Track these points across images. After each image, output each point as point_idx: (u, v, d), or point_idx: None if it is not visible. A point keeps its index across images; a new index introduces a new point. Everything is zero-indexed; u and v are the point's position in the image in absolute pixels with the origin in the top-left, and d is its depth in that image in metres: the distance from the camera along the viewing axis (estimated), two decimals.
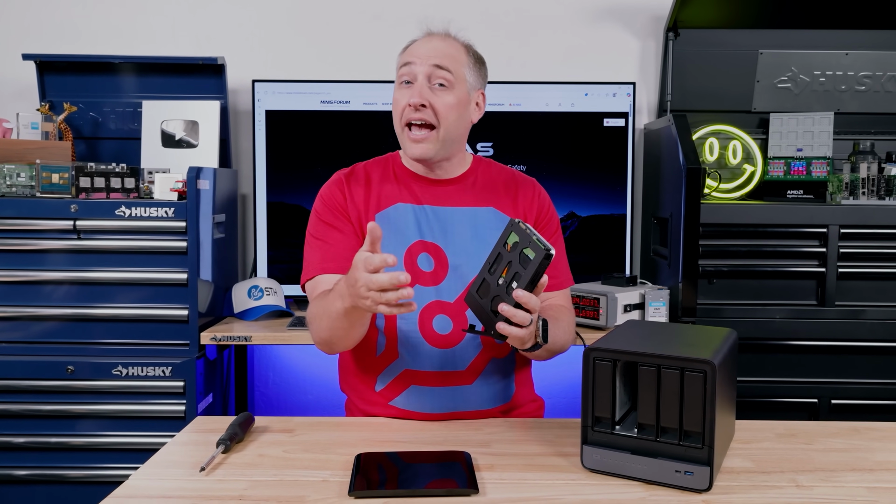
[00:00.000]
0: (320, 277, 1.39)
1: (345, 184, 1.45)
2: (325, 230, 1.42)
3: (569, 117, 2.45)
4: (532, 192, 1.51)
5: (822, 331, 2.15)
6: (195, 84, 2.44)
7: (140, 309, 2.06)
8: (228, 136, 2.46)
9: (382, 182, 1.46)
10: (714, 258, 2.17)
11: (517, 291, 1.14)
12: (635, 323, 1.34)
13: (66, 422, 2.06)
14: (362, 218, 1.43)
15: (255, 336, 2.06)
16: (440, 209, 1.45)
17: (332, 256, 1.40)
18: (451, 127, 1.40)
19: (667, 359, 1.11)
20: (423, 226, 1.43)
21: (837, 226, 2.13)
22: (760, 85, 2.53)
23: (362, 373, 1.47)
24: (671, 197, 2.25)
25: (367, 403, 1.47)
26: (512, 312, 1.14)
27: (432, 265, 1.43)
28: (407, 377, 1.43)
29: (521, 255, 1.16)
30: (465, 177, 1.49)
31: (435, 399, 1.42)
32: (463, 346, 1.42)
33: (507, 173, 1.53)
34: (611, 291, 2.10)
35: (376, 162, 1.51)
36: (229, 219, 2.37)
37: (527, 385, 1.56)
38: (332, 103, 2.43)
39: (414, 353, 1.42)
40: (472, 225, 1.44)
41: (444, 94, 1.38)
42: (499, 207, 1.47)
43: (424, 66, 1.37)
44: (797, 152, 2.44)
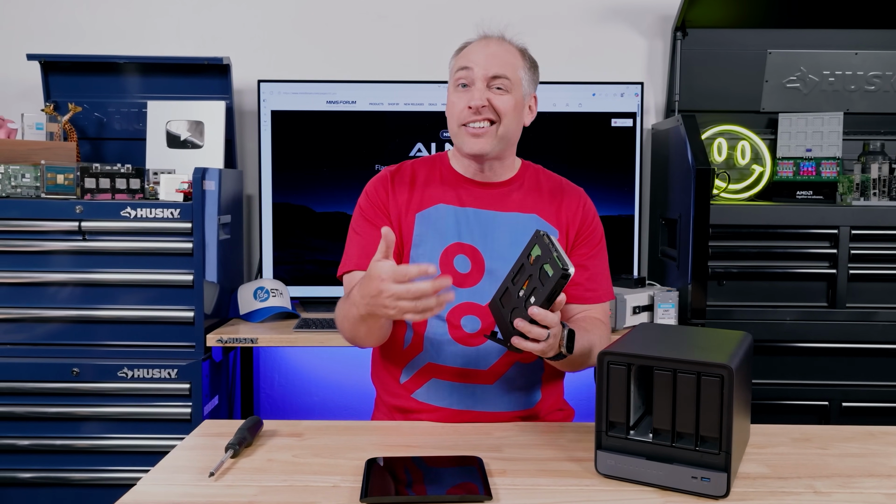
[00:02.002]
0: (356, 273, 1.40)
1: (389, 181, 1.46)
2: (364, 226, 1.44)
3: (576, 117, 2.43)
4: (577, 202, 1.49)
5: (833, 333, 2.13)
6: (200, 84, 2.43)
7: (145, 311, 2.05)
8: (234, 137, 2.45)
9: (428, 182, 1.46)
10: (723, 259, 2.15)
11: (532, 308, 1.14)
12: (648, 326, 1.33)
13: (71, 424, 2.04)
14: (402, 217, 1.44)
15: (261, 338, 2.05)
16: (482, 212, 1.44)
17: (367, 253, 1.39)
18: (510, 125, 1.40)
19: (683, 363, 1.09)
20: (462, 228, 1.43)
21: (848, 227, 2.11)
22: (769, 85, 2.51)
23: (390, 364, 1.48)
24: (680, 198, 2.23)
25: (391, 395, 1.47)
26: (528, 328, 1.14)
27: (469, 267, 1.42)
28: (429, 370, 1.43)
29: (542, 270, 1.16)
30: (511, 181, 1.48)
31: (454, 395, 1.42)
32: (486, 347, 1.42)
33: (555, 181, 1.52)
34: (619, 293, 2.08)
35: (424, 162, 1.51)
36: (235, 220, 2.36)
37: (555, 394, 1.53)
38: (337, 103, 2.41)
39: (438, 348, 1.42)
40: (513, 230, 1.43)
41: (503, 95, 1.38)
42: (542, 215, 1.46)
43: (483, 72, 1.37)
44: (806, 153, 2.42)
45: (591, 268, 1.47)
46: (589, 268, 1.47)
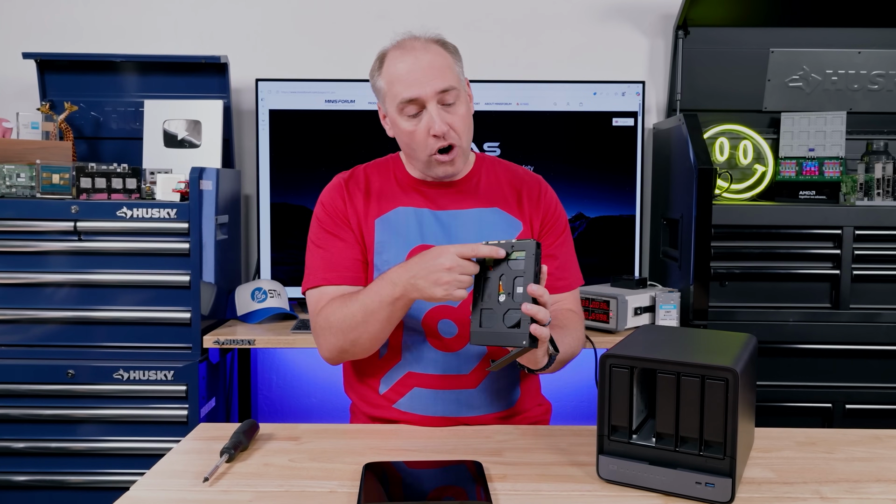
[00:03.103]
0: (325, 289, 1.37)
1: (345, 189, 1.42)
2: (326, 238, 1.40)
3: (577, 117, 2.41)
4: (538, 190, 1.47)
5: (837, 334, 2.11)
6: (198, 83, 2.40)
7: (141, 312, 2.03)
8: (231, 136, 2.43)
9: (383, 186, 1.43)
10: (726, 260, 2.13)
11: (531, 286, 1.12)
12: (651, 328, 1.31)
13: (67, 426, 2.02)
14: (362, 224, 1.41)
15: (258, 339, 2.03)
16: (442, 213, 1.42)
17: (334, 266, 1.38)
18: (469, 135, 1.39)
19: (687, 366, 1.07)
20: (425, 229, 1.40)
21: (852, 227, 2.09)
22: (771, 84, 2.49)
23: (366, 375, 1.45)
24: (682, 198, 2.21)
25: (371, 406, 1.44)
26: (535, 310, 1.12)
27: None
28: (410, 380, 1.40)
29: (510, 262, 1.16)
30: (469, 178, 1.46)
31: (438, 402, 1.39)
32: (467, 352, 1.40)
33: (513, 172, 1.50)
34: (620, 294, 2.06)
35: (377, 165, 1.48)
36: (232, 220, 2.33)
37: (533, 389, 1.53)
38: (336, 102, 2.39)
39: (417, 355, 1.40)
40: (477, 227, 1.41)
41: (457, 109, 1.35)
42: (504, 208, 1.44)
43: (431, 93, 1.32)
44: (809, 152, 2.40)
45: (559, 256, 1.46)
46: (558, 256, 1.45)
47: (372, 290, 1.27)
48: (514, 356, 1.19)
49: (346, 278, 1.37)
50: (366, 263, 1.41)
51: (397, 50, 1.35)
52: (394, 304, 1.25)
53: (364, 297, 1.28)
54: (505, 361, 1.20)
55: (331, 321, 1.32)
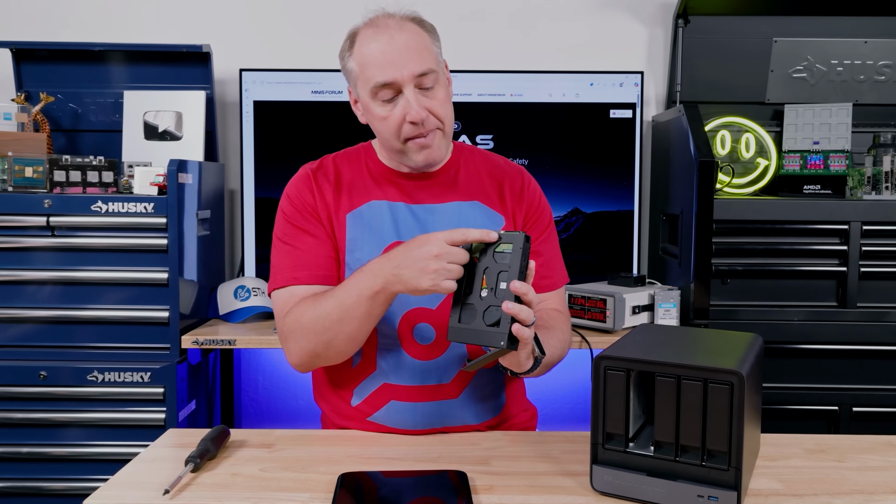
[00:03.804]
0: (294, 289, 1.27)
1: (313, 180, 1.32)
2: (294, 234, 1.30)
3: (573, 108, 2.33)
4: (520, 183, 1.38)
5: (843, 334, 2.02)
6: (179, 73, 2.32)
7: (117, 311, 1.94)
8: (215, 129, 2.34)
9: (354, 177, 1.33)
10: (728, 257, 2.05)
11: (514, 283, 1.04)
12: (649, 327, 1.22)
13: (40, 430, 1.93)
14: (333, 218, 1.31)
15: (239, 339, 1.94)
16: (418, 207, 1.32)
17: (303, 263, 1.28)
18: (450, 119, 1.29)
19: (688, 368, 0.99)
20: (400, 225, 1.31)
21: (859, 222, 2.00)
22: (774, 75, 2.41)
23: (337, 385, 1.35)
24: (682, 192, 2.13)
25: (342, 419, 1.34)
26: (518, 309, 1.03)
27: None
28: (386, 391, 1.31)
29: (495, 255, 1.08)
30: (446, 169, 1.36)
31: (417, 415, 1.29)
32: (447, 358, 1.30)
33: (493, 162, 1.40)
34: (618, 292, 1.98)
35: (347, 155, 1.38)
36: (215, 215, 2.25)
37: (518, 394, 1.44)
38: (323, 94, 2.31)
39: (393, 364, 1.30)
40: (456, 221, 1.32)
41: (436, 93, 1.25)
42: (484, 201, 1.35)
43: (408, 77, 1.21)
44: (814, 146, 2.31)
45: (543, 252, 1.36)
46: (542, 253, 1.36)
47: (349, 284, 1.17)
48: (490, 357, 1.11)
49: (318, 277, 1.27)
50: (338, 261, 1.31)
51: (370, 28, 1.26)
52: (374, 298, 1.14)
53: (340, 293, 1.18)
54: (481, 362, 1.12)
55: (302, 322, 1.21)
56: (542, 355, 1.16)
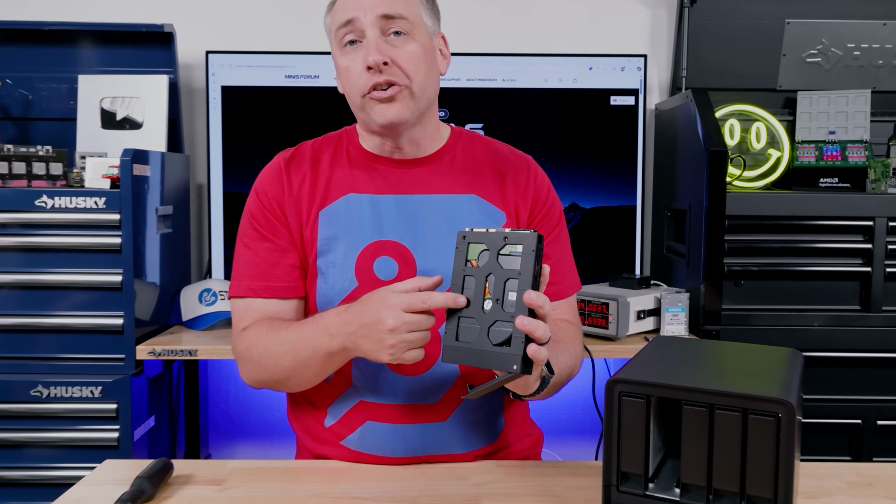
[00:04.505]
0: (251, 302, 1.13)
1: (283, 172, 1.15)
2: (256, 238, 1.14)
3: (570, 95, 2.14)
4: (526, 174, 1.20)
5: (867, 340, 1.85)
6: (140, 56, 2.12)
7: (65, 317, 1.74)
8: (179, 117, 2.14)
9: (332, 166, 1.16)
10: (741, 256, 1.87)
11: (529, 294, 0.86)
12: (666, 341, 1.04)
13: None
14: (303, 216, 1.14)
15: (202, 349, 1.75)
16: (405, 198, 1.14)
17: (263, 274, 1.13)
18: (423, 81, 1.09)
19: (724, 396, 0.81)
20: (382, 221, 1.13)
21: (885, 218, 1.83)
22: (787, 59, 2.24)
23: (310, 403, 1.19)
24: (690, 185, 1.95)
25: (315, 441, 1.18)
26: (534, 326, 0.86)
27: (395, 271, 1.13)
28: (362, 411, 1.13)
29: (500, 259, 0.89)
30: (440, 155, 1.18)
31: (398, 440, 1.12)
32: (435, 374, 1.12)
33: (495, 150, 1.23)
34: (621, 295, 1.80)
35: (327, 141, 1.21)
36: (179, 211, 2.05)
37: (520, 416, 1.25)
38: (298, 78, 2.11)
39: (372, 380, 1.12)
40: (449, 217, 1.14)
41: (405, 44, 1.07)
42: (483, 194, 1.17)
43: (372, 18, 1.05)
44: (829, 135, 2.14)
45: (552, 255, 1.19)
46: (550, 255, 1.18)
47: (304, 335, 1.03)
48: (499, 383, 0.92)
49: (278, 290, 1.12)
50: (302, 270, 1.15)
51: None
52: (330, 357, 1.01)
53: (295, 340, 1.03)
54: (487, 389, 0.94)
55: (253, 353, 1.08)
56: (550, 375, 0.98)
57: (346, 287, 1.11)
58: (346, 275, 1.11)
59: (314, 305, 1.13)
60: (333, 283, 1.12)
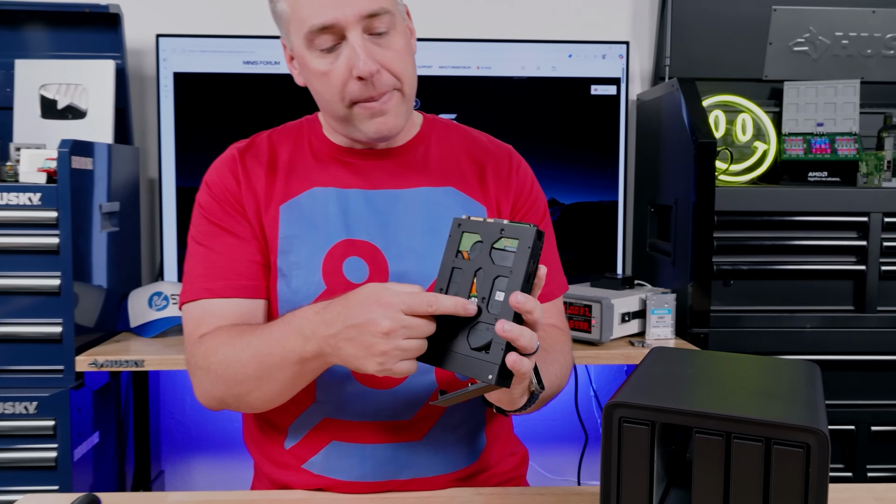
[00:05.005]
0: (208, 304, 0.98)
1: (238, 163, 1.03)
2: (212, 233, 1.01)
3: (549, 83, 2.02)
4: (508, 164, 1.10)
5: (861, 342, 1.76)
6: (83, 39, 1.96)
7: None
8: (128, 106, 1.98)
9: (295, 158, 1.05)
10: (730, 254, 1.77)
11: (516, 296, 0.74)
12: (665, 354, 0.92)
13: None
14: (262, 211, 1.02)
15: (150, 359, 1.60)
16: (376, 193, 1.03)
17: (222, 272, 0.99)
18: (411, 78, 1.00)
19: (744, 423, 0.69)
20: (351, 218, 1.01)
21: (880, 213, 1.74)
22: (773, 48, 2.14)
23: (268, 424, 1.05)
24: (675, 180, 1.85)
25: (274, 465, 1.05)
26: (517, 333, 0.74)
27: (366, 273, 1.01)
28: (327, 429, 1.01)
29: (493, 253, 0.78)
30: (413, 146, 1.07)
31: (367, 462, 1.00)
32: (409, 387, 1.00)
33: (472, 139, 1.12)
34: (605, 297, 1.68)
35: (287, 130, 1.09)
36: (127, 208, 1.89)
37: (504, 433, 1.14)
38: (257, 64, 1.96)
39: (338, 394, 1.00)
40: (424, 214, 1.03)
41: (391, 41, 0.95)
42: (461, 187, 1.06)
43: (354, 18, 0.91)
44: (818, 127, 2.05)
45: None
46: None
47: (273, 338, 0.88)
48: (473, 393, 0.80)
49: (239, 289, 0.99)
50: (267, 267, 1.01)
51: None
52: (303, 364, 0.87)
53: (261, 344, 0.89)
54: (457, 398, 0.82)
55: (211, 362, 0.93)
56: (540, 389, 0.87)
57: (313, 290, 0.99)
58: (312, 277, 0.99)
59: (275, 311, 1.01)
60: (298, 286, 0.99)
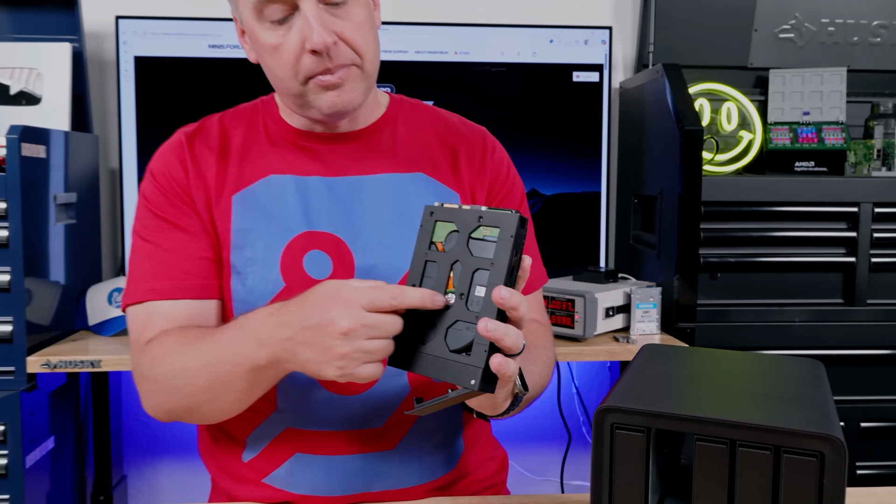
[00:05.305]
0: (153, 306, 0.89)
1: (187, 150, 0.94)
2: (158, 228, 0.92)
3: (529, 70, 1.95)
4: (482, 147, 1.02)
5: (851, 337, 1.71)
6: (38, 21, 1.85)
7: None
8: (86, 91, 1.88)
9: (249, 143, 0.96)
10: (716, 246, 1.71)
11: (499, 291, 0.67)
12: (658, 352, 0.86)
13: None
14: (212, 202, 0.93)
15: (107, 359, 1.50)
16: (339, 180, 0.95)
17: (167, 270, 0.90)
18: (373, 53, 0.91)
19: (750, 429, 0.62)
20: (311, 208, 0.93)
21: (870, 204, 1.69)
22: (758, 35, 2.09)
23: (224, 434, 0.97)
24: (660, 169, 1.78)
25: (231, 480, 0.96)
26: (502, 332, 0.66)
27: (329, 268, 0.92)
28: (290, 440, 0.93)
29: (472, 244, 0.71)
30: (378, 127, 0.99)
31: (334, 475, 0.92)
32: (379, 391, 0.92)
33: (442, 121, 1.04)
34: (588, 291, 1.62)
35: (240, 113, 1.00)
36: (86, 199, 1.79)
37: (482, 436, 1.07)
38: (223, 48, 1.87)
39: (301, 401, 0.92)
40: (392, 202, 0.95)
41: (349, 12, 0.87)
42: (432, 173, 0.98)
43: None
44: (804, 116, 2.00)
45: None
46: None
47: (223, 345, 0.80)
48: (453, 400, 0.73)
49: (188, 289, 0.90)
50: (219, 264, 0.93)
51: None
52: (257, 372, 0.79)
53: (210, 352, 0.81)
54: (437, 406, 0.75)
55: (157, 373, 0.84)
56: (524, 391, 0.79)
57: (271, 289, 0.90)
58: (269, 274, 0.90)
59: (230, 312, 0.92)
60: (254, 285, 0.90)
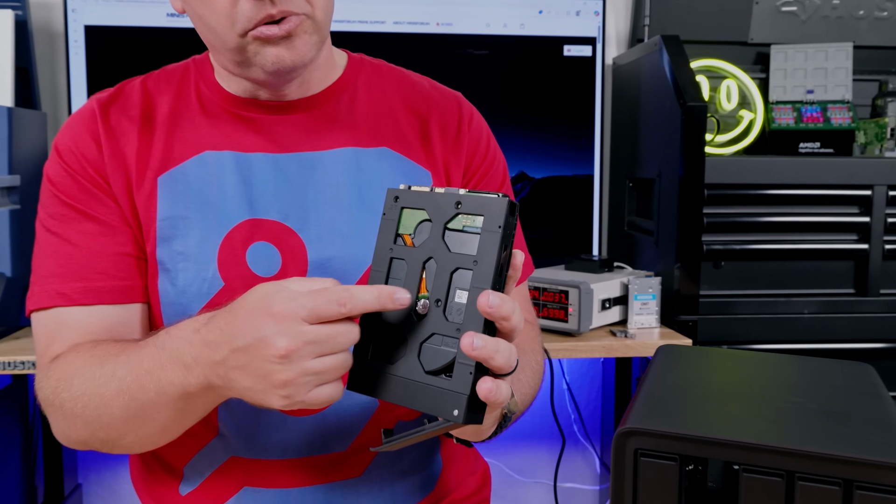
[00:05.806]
0: (61, 313, 0.74)
1: (100, 120, 0.79)
2: (64, 217, 0.77)
3: (517, 43, 1.81)
4: (456, 115, 0.87)
5: (863, 329, 1.60)
6: None
7: None
8: (32, 65, 1.72)
9: (176, 112, 0.81)
10: (719, 232, 1.59)
11: (486, 296, 0.53)
12: (678, 354, 0.73)
13: None
14: (133, 185, 0.78)
15: None
16: (287, 157, 0.80)
17: (76, 271, 0.75)
18: (327, 7, 0.76)
19: (812, 459, 0.49)
20: (255, 191, 0.78)
21: (885, 186, 1.57)
22: (759, 8, 1.97)
23: (157, 461, 0.82)
24: (658, 150, 1.66)
25: None
26: (491, 350, 0.53)
27: (277, 263, 0.78)
28: (235, 471, 0.79)
29: (449, 236, 0.56)
30: (333, 93, 0.84)
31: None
32: (341, 409, 0.78)
33: (411, 84, 0.89)
34: (582, 281, 1.49)
35: (167, 75, 0.85)
36: (32, 183, 1.63)
37: (461, 450, 0.94)
38: (183, 17, 1.70)
39: (247, 424, 0.78)
40: (352, 182, 0.80)
41: None
42: (399, 148, 0.84)
43: None
44: (808, 95, 1.88)
45: None
46: None
47: (144, 367, 0.65)
48: (428, 434, 0.59)
49: (103, 292, 0.75)
50: (143, 260, 0.78)
51: None
52: (188, 400, 0.64)
53: (127, 376, 0.65)
54: (408, 441, 0.60)
55: (63, 399, 0.69)
56: (512, 413, 0.67)
57: (207, 289, 0.76)
58: (204, 271, 0.76)
59: (159, 317, 0.77)
60: (186, 284, 0.76)
